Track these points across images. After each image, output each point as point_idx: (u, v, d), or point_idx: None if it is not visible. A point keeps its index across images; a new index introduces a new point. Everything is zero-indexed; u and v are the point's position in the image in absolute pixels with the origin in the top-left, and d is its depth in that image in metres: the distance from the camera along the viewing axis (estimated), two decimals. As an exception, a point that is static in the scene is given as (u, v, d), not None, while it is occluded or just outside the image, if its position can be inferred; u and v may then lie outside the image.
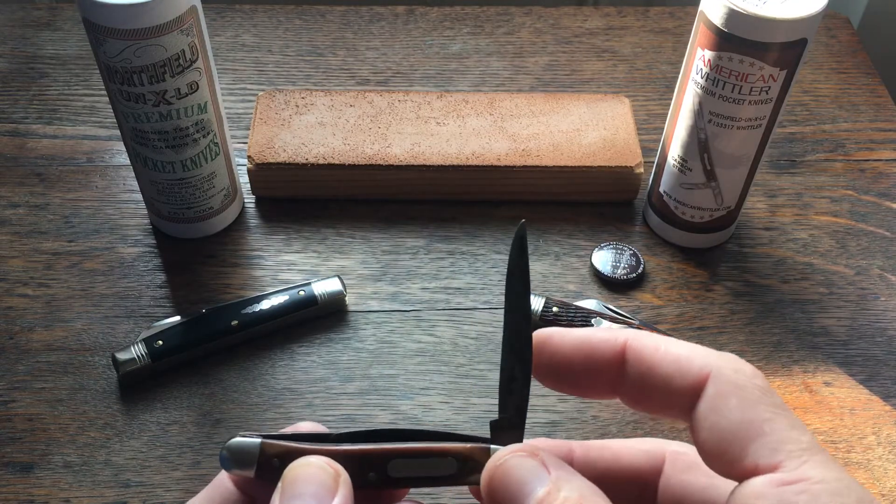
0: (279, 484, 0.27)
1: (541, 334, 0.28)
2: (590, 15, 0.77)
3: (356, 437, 0.28)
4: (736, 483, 0.25)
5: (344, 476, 0.27)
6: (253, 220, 0.60)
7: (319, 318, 0.55)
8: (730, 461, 0.24)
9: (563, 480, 0.26)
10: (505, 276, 0.29)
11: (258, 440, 0.28)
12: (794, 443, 0.24)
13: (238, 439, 0.28)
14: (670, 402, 0.26)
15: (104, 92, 0.62)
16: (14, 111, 0.67)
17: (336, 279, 0.55)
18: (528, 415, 0.29)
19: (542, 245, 0.59)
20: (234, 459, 0.28)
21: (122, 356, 0.50)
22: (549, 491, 0.25)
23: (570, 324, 0.53)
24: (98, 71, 0.51)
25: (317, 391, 0.51)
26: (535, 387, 0.29)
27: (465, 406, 0.51)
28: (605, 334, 0.28)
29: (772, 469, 0.24)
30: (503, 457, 0.27)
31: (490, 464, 0.27)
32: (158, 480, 0.47)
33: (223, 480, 0.29)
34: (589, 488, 0.25)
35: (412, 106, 0.63)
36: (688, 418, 0.26)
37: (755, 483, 0.24)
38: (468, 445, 0.28)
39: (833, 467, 0.24)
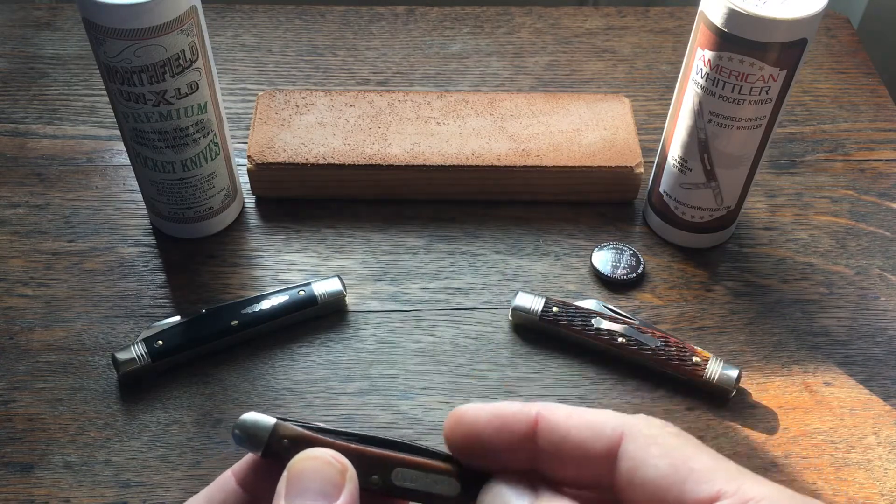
0: (284, 475, 0.27)
1: (455, 412, 0.28)
2: (590, 15, 0.77)
3: (365, 439, 0.28)
4: None
5: (351, 472, 0.27)
6: (253, 220, 0.60)
7: (319, 318, 0.55)
8: None
9: None
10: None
11: (273, 419, 0.28)
12: (724, 470, 0.24)
13: (254, 413, 0.28)
14: (588, 467, 0.27)
15: (104, 92, 0.62)
16: (14, 111, 0.67)
17: (336, 279, 0.55)
18: None
19: (542, 245, 0.59)
20: (246, 434, 0.28)
21: (122, 356, 0.50)
22: None
23: (570, 324, 0.53)
24: (98, 71, 0.51)
25: (317, 391, 0.51)
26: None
27: (465, 406, 0.51)
28: (517, 407, 0.28)
29: (714, 499, 0.24)
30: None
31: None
32: (158, 480, 0.47)
33: (227, 479, 0.29)
34: None
35: (412, 106, 0.63)
36: (606, 483, 0.26)
37: None
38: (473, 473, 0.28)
39: (767, 483, 0.24)
